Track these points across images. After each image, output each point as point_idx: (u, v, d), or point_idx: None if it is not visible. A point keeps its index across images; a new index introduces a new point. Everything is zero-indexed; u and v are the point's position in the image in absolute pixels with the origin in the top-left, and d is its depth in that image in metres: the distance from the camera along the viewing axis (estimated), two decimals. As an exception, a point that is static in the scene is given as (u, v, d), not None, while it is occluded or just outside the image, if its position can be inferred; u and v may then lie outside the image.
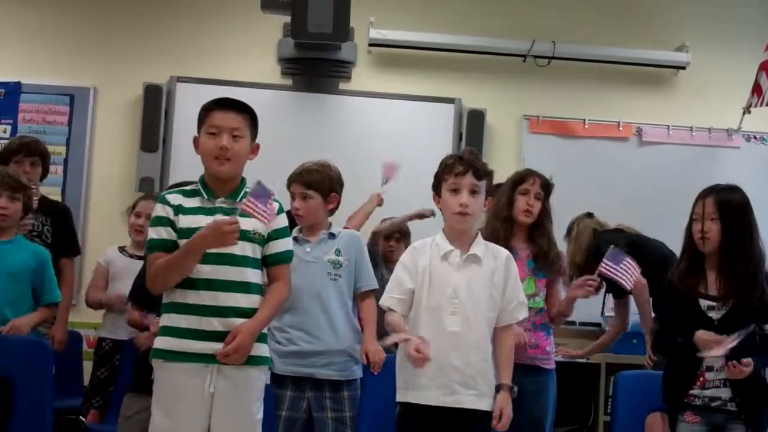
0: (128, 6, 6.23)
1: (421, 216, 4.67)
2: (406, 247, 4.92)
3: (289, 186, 3.65)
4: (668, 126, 6.34)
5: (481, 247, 3.09)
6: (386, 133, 6.07)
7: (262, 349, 2.90)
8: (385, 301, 3.10)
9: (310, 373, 3.45)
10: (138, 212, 4.58)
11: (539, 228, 3.71)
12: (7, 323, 3.66)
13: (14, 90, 6.01)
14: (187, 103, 5.92)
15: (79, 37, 6.17)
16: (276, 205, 2.86)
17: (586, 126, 6.31)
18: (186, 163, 5.61)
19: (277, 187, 2.92)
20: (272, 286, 2.97)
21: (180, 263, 2.80)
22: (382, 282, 3.84)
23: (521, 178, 3.74)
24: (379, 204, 4.54)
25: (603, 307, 5.25)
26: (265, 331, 2.92)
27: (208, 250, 2.78)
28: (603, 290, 4.88)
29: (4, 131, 5.92)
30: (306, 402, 3.47)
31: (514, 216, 3.69)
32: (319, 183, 3.59)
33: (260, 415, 2.88)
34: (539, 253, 3.67)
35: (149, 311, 3.72)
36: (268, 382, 2.98)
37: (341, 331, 3.52)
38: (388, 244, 4.98)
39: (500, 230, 3.61)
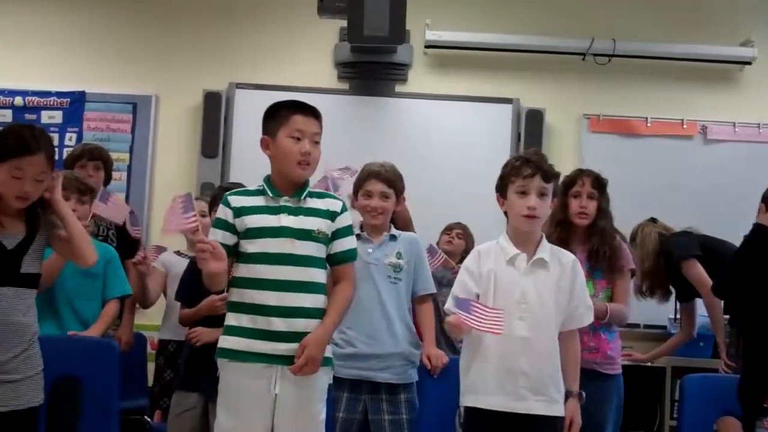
0: (187, 16, 6.31)
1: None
2: (465, 245, 4.96)
3: (361, 184, 3.62)
4: (734, 123, 6.20)
5: (547, 250, 3.04)
6: (444, 134, 6.05)
7: (326, 350, 2.87)
8: (448, 305, 3.06)
9: (368, 376, 3.43)
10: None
11: (593, 227, 3.65)
12: (79, 321, 3.73)
13: (79, 99, 6.13)
14: (246, 109, 6.01)
15: (141, 47, 6.27)
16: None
17: (649, 124, 6.22)
18: (245, 168, 5.70)
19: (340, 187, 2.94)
20: (337, 287, 2.94)
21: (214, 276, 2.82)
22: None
23: (571, 180, 3.69)
24: None
25: (675, 313, 5.14)
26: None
27: (272, 250, 2.81)
28: (673, 295, 4.81)
29: (70, 139, 6.03)
30: (363, 404, 3.45)
31: (570, 219, 3.65)
32: (396, 183, 3.59)
33: (323, 416, 2.88)
34: (591, 252, 3.62)
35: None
36: (331, 382, 2.97)
37: (399, 335, 3.49)
38: (448, 237, 4.94)
39: (556, 234, 3.55)
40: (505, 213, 3.09)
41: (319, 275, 2.88)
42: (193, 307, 3.79)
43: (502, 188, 3.06)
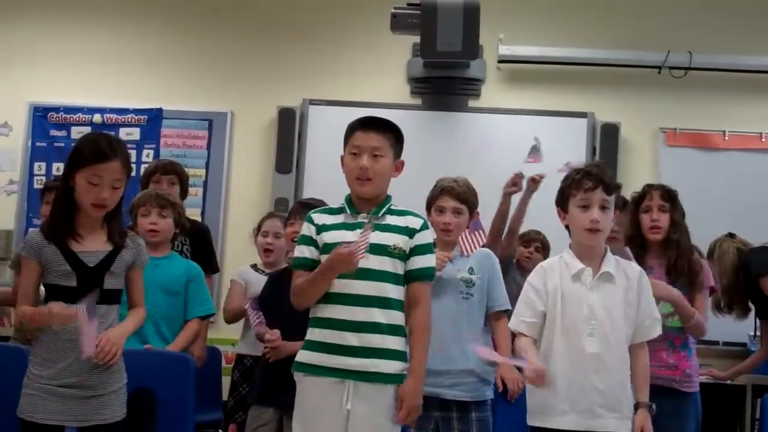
0: (261, 33, 6.40)
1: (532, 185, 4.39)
2: (544, 255, 4.90)
3: (436, 199, 3.60)
4: (814, 136, 6.05)
5: (612, 263, 2.99)
6: (518, 149, 6.01)
7: (399, 367, 2.87)
8: (515, 325, 3.03)
9: (438, 392, 3.37)
10: (265, 231, 4.63)
11: (668, 241, 3.60)
12: (161, 337, 3.76)
13: (156, 116, 6.25)
14: (319, 125, 6.07)
15: (216, 64, 6.39)
16: None
17: (726, 138, 6.10)
18: (319, 183, 5.75)
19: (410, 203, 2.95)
20: (413, 315, 2.91)
21: (311, 287, 2.87)
22: (511, 286, 3.79)
23: (640, 195, 3.65)
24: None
25: (755, 329, 5.02)
26: (400, 348, 2.88)
27: None
28: (752, 311, 4.70)
29: (147, 156, 6.15)
30: (434, 422, 3.41)
31: (643, 234, 3.59)
32: (469, 199, 3.57)
33: (397, 432, 2.88)
34: (669, 266, 3.56)
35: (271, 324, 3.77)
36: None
37: (470, 351, 3.40)
38: (527, 250, 4.89)
39: (629, 251, 3.50)
40: (567, 227, 3.05)
41: (393, 291, 2.88)
42: (272, 322, 3.80)
43: (562, 202, 3.03)
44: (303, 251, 2.93)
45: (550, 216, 3.12)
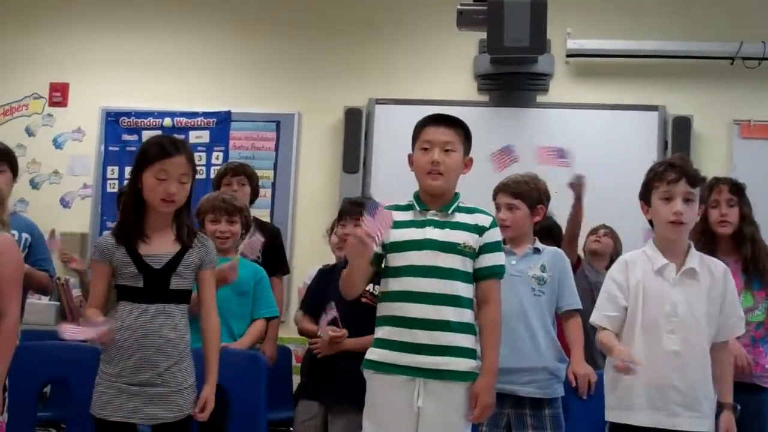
0: (327, 34, 6.42)
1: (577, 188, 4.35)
2: (614, 245, 4.82)
3: (495, 197, 3.62)
4: None
5: (696, 259, 2.94)
6: (587, 144, 5.91)
7: (470, 365, 2.86)
8: (597, 319, 3.00)
9: (512, 390, 3.36)
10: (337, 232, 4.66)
11: (739, 235, 3.54)
12: (230, 335, 3.81)
13: (225, 119, 6.31)
14: (386, 124, 6.06)
15: (283, 66, 6.42)
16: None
17: (803, 128, 5.93)
18: (386, 183, 5.76)
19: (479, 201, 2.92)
20: (483, 314, 2.90)
21: (345, 279, 2.92)
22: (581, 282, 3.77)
23: (710, 188, 3.56)
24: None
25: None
26: (470, 345, 2.87)
27: (416, 263, 2.82)
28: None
29: (217, 158, 6.21)
30: (506, 418, 3.40)
31: (712, 229, 3.51)
32: (527, 194, 3.54)
33: (468, 430, 2.87)
34: (746, 261, 3.49)
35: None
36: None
37: (543, 348, 3.42)
38: (595, 236, 4.82)
39: (700, 245, 3.42)
40: (650, 221, 3.01)
41: (463, 289, 2.87)
42: (318, 318, 3.80)
43: (645, 195, 2.99)
44: None
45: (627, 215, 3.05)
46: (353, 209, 3.81)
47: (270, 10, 6.49)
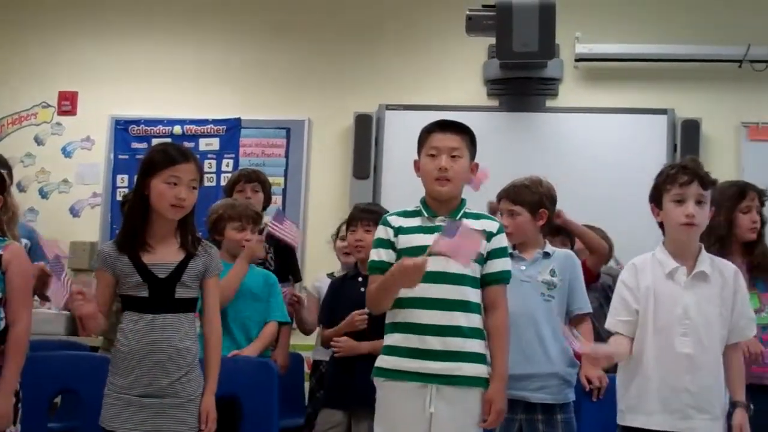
0: (336, 40, 6.44)
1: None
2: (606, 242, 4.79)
3: (498, 203, 3.61)
4: None
5: (707, 262, 2.94)
6: (596, 148, 5.94)
7: (481, 370, 2.86)
8: (612, 325, 3.00)
9: (522, 396, 3.33)
10: (343, 236, 4.66)
11: (758, 240, 3.53)
12: (249, 342, 3.87)
13: (235, 126, 6.33)
14: (396, 130, 6.07)
15: (293, 73, 6.44)
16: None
17: (812, 131, 5.92)
18: (396, 188, 5.76)
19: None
20: (491, 320, 2.91)
21: (382, 294, 2.87)
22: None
23: (742, 194, 3.55)
24: None
25: None
26: (481, 350, 2.88)
27: (425, 269, 2.78)
28: None
29: (227, 165, 6.24)
30: (518, 424, 3.37)
31: (736, 234, 3.51)
32: (527, 199, 3.52)
33: (480, 436, 2.86)
34: (755, 264, 3.49)
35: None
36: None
37: (553, 354, 3.39)
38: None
39: (714, 249, 3.40)
40: (660, 225, 3.00)
41: (472, 294, 2.88)
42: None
43: (656, 198, 2.98)
44: (380, 254, 2.94)
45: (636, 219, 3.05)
46: (363, 215, 3.81)
47: (279, 18, 6.51)
